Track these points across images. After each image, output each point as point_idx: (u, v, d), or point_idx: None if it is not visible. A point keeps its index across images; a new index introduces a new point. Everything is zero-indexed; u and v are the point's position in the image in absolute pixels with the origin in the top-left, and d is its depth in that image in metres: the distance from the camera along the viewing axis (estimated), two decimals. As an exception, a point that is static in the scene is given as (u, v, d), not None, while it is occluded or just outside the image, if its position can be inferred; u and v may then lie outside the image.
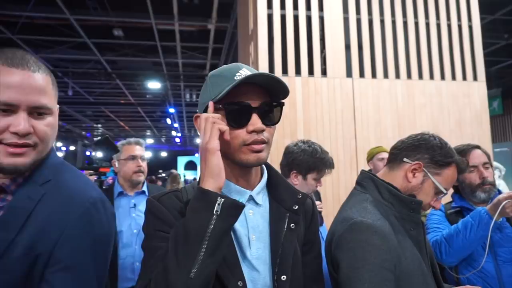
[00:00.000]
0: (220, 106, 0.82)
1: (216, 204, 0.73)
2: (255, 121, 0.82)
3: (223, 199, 0.73)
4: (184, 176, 19.04)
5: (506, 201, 1.37)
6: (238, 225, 0.84)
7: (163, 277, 0.70)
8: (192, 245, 0.70)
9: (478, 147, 1.69)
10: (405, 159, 1.15)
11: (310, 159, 1.74)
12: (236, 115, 0.82)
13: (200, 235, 0.71)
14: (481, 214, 1.42)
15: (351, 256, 0.97)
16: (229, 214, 0.74)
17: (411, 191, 1.13)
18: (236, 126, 0.82)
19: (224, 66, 0.90)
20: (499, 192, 1.66)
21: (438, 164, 1.12)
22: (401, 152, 1.17)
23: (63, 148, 22.87)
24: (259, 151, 0.83)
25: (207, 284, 0.71)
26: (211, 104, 0.83)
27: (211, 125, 0.78)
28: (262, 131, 0.83)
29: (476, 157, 1.65)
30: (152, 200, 0.86)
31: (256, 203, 0.90)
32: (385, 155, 2.93)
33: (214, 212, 0.72)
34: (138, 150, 2.33)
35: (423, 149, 1.14)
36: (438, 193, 1.13)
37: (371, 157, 3.15)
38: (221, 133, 0.79)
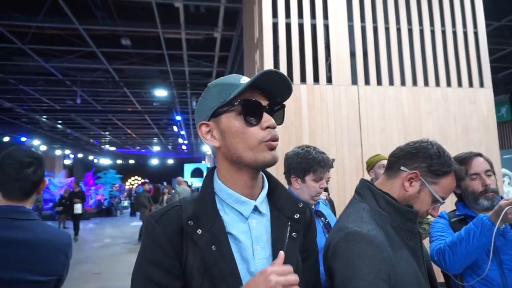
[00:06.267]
0: (234, 105, 0.83)
1: None
2: (268, 118, 0.84)
3: None
4: (192, 183, 19.04)
5: (508, 207, 1.35)
6: (242, 236, 0.84)
7: None
8: None
9: (480, 154, 1.66)
10: (402, 168, 1.14)
11: (303, 161, 1.77)
12: (251, 113, 0.83)
13: None
14: (483, 221, 1.41)
15: (345, 266, 0.97)
16: None
17: (408, 200, 1.12)
18: (252, 124, 0.83)
19: (223, 77, 0.91)
20: (502, 198, 1.64)
21: (436, 174, 1.10)
22: (399, 160, 1.16)
23: (71, 156, 23.11)
24: (274, 149, 0.85)
25: None
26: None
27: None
28: (274, 127, 0.85)
29: (478, 165, 1.62)
30: (150, 220, 0.83)
31: (260, 213, 0.89)
32: (386, 162, 2.89)
33: None
34: None
35: (421, 158, 1.12)
36: (435, 201, 1.11)
37: (371, 166, 3.10)
38: None
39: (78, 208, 10.76)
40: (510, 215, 1.36)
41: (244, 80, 0.86)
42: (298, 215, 0.91)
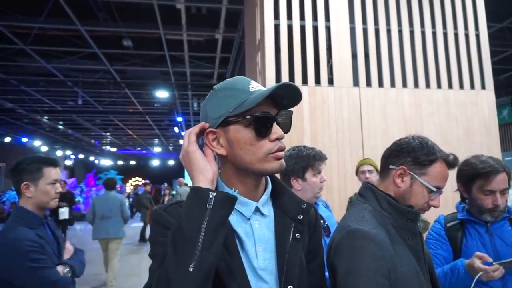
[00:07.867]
0: (246, 118, 0.83)
1: (209, 199, 0.74)
2: (277, 129, 0.85)
3: (215, 193, 0.75)
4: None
5: (481, 273, 1.35)
6: (245, 237, 0.85)
7: (163, 274, 0.71)
8: (188, 240, 0.72)
9: (504, 170, 1.55)
10: (390, 166, 1.18)
11: (299, 160, 1.78)
12: (262, 126, 0.83)
13: (195, 230, 0.72)
14: (460, 271, 1.42)
15: (347, 262, 1.00)
16: (222, 206, 0.75)
17: (403, 196, 1.15)
18: (262, 136, 0.83)
19: (230, 80, 0.90)
20: (509, 211, 1.61)
21: (422, 164, 1.13)
22: (387, 160, 1.21)
23: (72, 157, 23.15)
24: (281, 158, 0.86)
25: (207, 278, 0.72)
26: (204, 125, 0.87)
27: (188, 135, 0.85)
28: (283, 138, 0.86)
29: (497, 183, 1.52)
30: (158, 210, 0.86)
31: (262, 214, 0.90)
32: (366, 168, 2.99)
33: (207, 206, 0.74)
34: None
35: (405, 153, 1.16)
36: (431, 192, 1.14)
37: (356, 171, 3.17)
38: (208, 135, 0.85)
39: (63, 212, 8.42)
40: (482, 277, 1.37)
41: (253, 86, 0.85)
42: (302, 216, 0.91)
